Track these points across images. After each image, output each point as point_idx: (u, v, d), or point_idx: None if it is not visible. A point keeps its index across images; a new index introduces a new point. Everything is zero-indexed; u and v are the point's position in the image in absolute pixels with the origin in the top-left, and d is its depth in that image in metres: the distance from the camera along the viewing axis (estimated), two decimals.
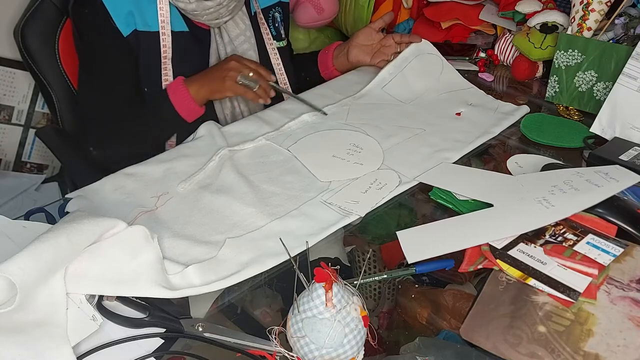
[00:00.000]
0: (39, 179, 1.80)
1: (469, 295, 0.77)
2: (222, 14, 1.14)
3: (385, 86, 1.27)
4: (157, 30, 1.13)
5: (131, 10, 1.10)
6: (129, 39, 1.11)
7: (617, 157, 0.99)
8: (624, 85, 1.08)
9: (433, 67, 1.30)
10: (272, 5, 1.31)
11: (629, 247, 0.79)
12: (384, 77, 1.27)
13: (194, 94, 1.11)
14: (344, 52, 1.34)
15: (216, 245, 0.84)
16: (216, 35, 1.20)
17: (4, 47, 1.62)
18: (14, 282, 0.62)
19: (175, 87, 1.12)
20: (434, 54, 1.31)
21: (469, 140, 1.09)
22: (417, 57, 1.29)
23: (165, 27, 1.13)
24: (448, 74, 1.30)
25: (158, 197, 0.95)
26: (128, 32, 1.11)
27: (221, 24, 1.18)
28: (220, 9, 1.12)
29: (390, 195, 0.94)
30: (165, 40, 1.13)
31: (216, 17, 1.14)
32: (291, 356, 0.66)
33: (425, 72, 1.29)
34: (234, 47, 1.21)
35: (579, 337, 0.68)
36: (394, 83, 1.27)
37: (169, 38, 1.14)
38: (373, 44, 1.33)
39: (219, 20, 1.15)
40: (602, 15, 1.19)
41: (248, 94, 1.12)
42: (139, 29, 1.12)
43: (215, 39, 1.20)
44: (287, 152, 1.06)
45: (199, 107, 1.13)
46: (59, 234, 0.68)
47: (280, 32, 1.33)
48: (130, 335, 0.70)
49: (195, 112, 1.14)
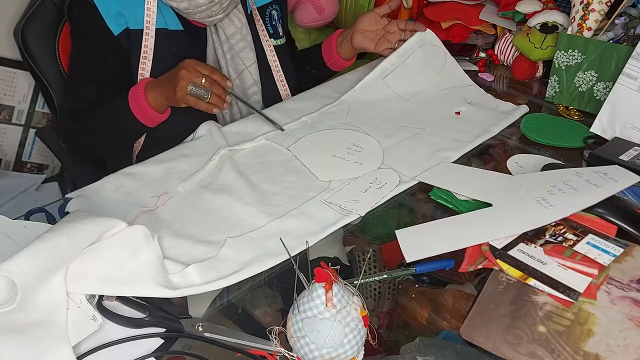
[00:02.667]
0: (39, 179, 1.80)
1: (469, 295, 0.77)
2: (216, 12, 1.14)
3: (386, 77, 1.25)
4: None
5: (120, 10, 1.10)
6: (119, 38, 1.11)
7: (617, 157, 0.99)
8: (624, 85, 1.08)
9: (435, 59, 1.28)
10: (269, 3, 1.31)
11: (629, 247, 0.79)
12: (385, 68, 1.25)
13: (152, 101, 1.08)
14: (347, 39, 1.31)
15: (216, 245, 0.84)
16: (212, 33, 1.20)
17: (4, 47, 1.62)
18: (15, 281, 0.62)
19: (135, 92, 1.10)
20: (437, 45, 1.29)
21: (469, 139, 1.09)
22: (421, 48, 1.27)
23: (150, 28, 1.13)
24: (450, 67, 1.28)
25: (158, 197, 0.95)
26: (119, 31, 1.11)
27: (216, 22, 1.18)
28: (212, 7, 1.12)
29: (391, 195, 0.94)
30: (147, 40, 1.13)
31: (209, 15, 1.13)
32: (291, 356, 0.66)
33: (428, 64, 1.27)
34: (230, 46, 1.21)
35: (579, 337, 0.68)
36: (396, 74, 1.25)
37: (152, 39, 1.13)
38: (377, 29, 1.30)
39: (213, 18, 1.15)
40: (602, 15, 1.19)
41: (200, 104, 1.05)
42: (131, 27, 1.12)
43: (212, 37, 1.20)
44: (287, 151, 1.06)
45: (159, 113, 1.10)
46: (59, 233, 0.68)
47: (278, 30, 1.32)
48: (130, 335, 0.70)
49: (154, 118, 1.11)
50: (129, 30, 1.12)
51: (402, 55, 1.26)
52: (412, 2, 1.59)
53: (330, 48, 1.35)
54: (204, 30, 1.20)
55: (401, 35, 1.29)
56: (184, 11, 1.12)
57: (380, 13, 1.30)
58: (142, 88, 1.09)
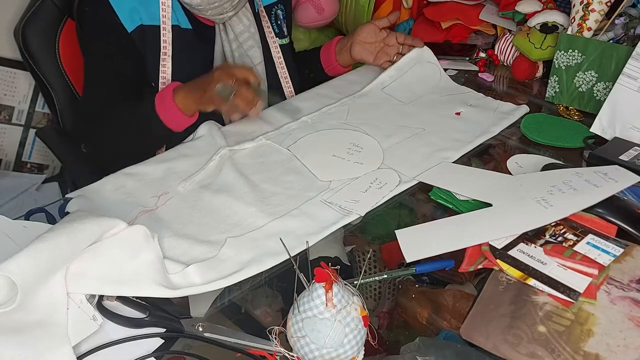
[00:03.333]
0: (39, 179, 1.80)
1: (469, 295, 0.77)
2: (227, 9, 1.14)
3: (385, 88, 1.27)
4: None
5: (135, 6, 1.10)
6: (133, 35, 1.11)
7: (617, 157, 0.99)
8: (624, 85, 1.08)
9: (432, 76, 1.30)
10: (275, 2, 1.31)
11: (629, 247, 0.79)
12: (384, 80, 1.28)
13: (180, 102, 1.05)
14: (346, 48, 1.34)
15: (217, 245, 0.84)
16: (221, 32, 1.20)
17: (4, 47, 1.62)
18: (15, 281, 0.62)
19: (163, 95, 1.07)
20: (433, 62, 1.31)
21: (469, 139, 1.09)
22: (418, 64, 1.30)
23: (167, 23, 1.12)
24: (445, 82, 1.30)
25: (158, 197, 0.95)
26: (132, 28, 1.10)
27: (225, 20, 1.18)
28: (224, 4, 1.12)
29: (390, 195, 0.94)
30: (165, 35, 1.13)
31: (220, 12, 1.14)
32: (291, 356, 0.66)
33: (424, 80, 1.29)
34: (239, 44, 1.21)
35: (579, 337, 0.68)
36: (394, 86, 1.27)
37: (170, 34, 1.13)
38: (376, 41, 1.33)
39: (223, 15, 1.15)
40: (602, 15, 1.19)
41: (223, 106, 1.03)
42: (145, 23, 1.11)
43: (220, 35, 1.20)
44: (287, 151, 1.06)
45: (188, 116, 1.07)
46: (59, 233, 0.68)
47: (283, 29, 1.32)
48: (130, 335, 0.70)
49: (181, 122, 1.08)
50: (144, 26, 1.11)
51: (401, 69, 1.29)
52: (412, 2, 1.59)
53: (329, 55, 1.37)
54: (212, 28, 1.20)
55: (399, 48, 1.31)
56: (196, 7, 1.12)
57: (380, 26, 1.32)
58: (170, 91, 1.06)
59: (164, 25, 1.12)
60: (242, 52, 1.22)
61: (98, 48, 1.14)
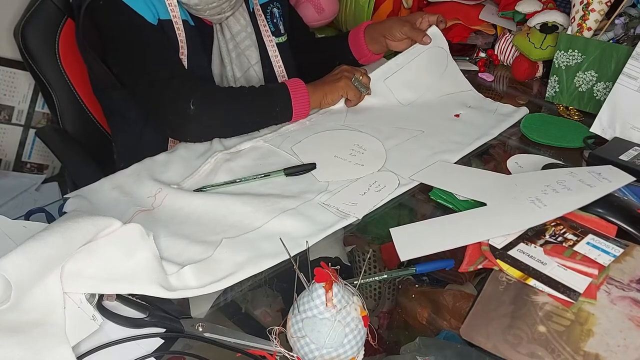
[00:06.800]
0: (39, 179, 1.80)
1: (469, 295, 0.77)
2: (225, 9, 1.14)
3: (387, 79, 1.24)
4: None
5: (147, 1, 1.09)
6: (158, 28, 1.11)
7: (617, 157, 0.99)
8: (624, 85, 1.08)
9: (439, 63, 1.27)
10: (270, 0, 1.31)
11: (629, 247, 0.79)
12: (390, 67, 1.24)
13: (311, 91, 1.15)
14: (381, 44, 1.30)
15: (212, 245, 0.83)
16: (218, 31, 1.20)
17: (4, 47, 1.63)
18: (9, 279, 0.62)
19: (294, 82, 1.14)
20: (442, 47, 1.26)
21: (468, 142, 1.09)
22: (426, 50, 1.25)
23: (177, 17, 1.12)
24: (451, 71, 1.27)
25: (155, 197, 0.95)
26: (155, 21, 1.10)
27: (223, 20, 1.18)
28: (222, 4, 1.12)
29: (389, 198, 0.94)
30: (179, 29, 1.13)
31: (218, 12, 1.14)
32: (291, 356, 0.66)
33: (430, 68, 1.26)
34: (235, 44, 1.21)
35: (579, 337, 0.68)
36: (398, 75, 1.24)
37: (182, 28, 1.13)
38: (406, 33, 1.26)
39: (221, 15, 1.15)
40: (602, 15, 1.19)
41: (357, 96, 1.18)
42: (162, 17, 1.11)
43: (217, 35, 1.20)
44: (285, 153, 1.06)
45: (309, 109, 1.15)
46: (53, 232, 0.68)
47: (279, 27, 1.32)
48: (130, 335, 0.70)
49: (304, 110, 1.15)
50: (161, 20, 1.11)
51: (412, 54, 1.25)
52: (412, 2, 1.59)
53: (360, 46, 1.33)
54: (210, 28, 1.20)
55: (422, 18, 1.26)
56: (194, 7, 1.12)
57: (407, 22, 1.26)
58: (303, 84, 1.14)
59: (175, 20, 1.12)
60: (239, 52, 1.21)
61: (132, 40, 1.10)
